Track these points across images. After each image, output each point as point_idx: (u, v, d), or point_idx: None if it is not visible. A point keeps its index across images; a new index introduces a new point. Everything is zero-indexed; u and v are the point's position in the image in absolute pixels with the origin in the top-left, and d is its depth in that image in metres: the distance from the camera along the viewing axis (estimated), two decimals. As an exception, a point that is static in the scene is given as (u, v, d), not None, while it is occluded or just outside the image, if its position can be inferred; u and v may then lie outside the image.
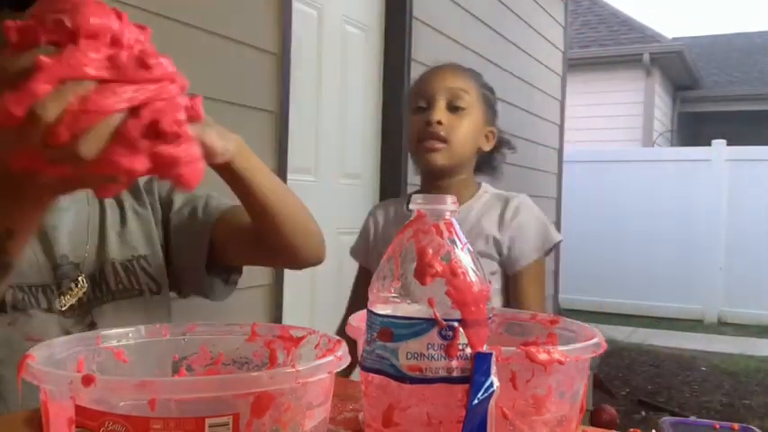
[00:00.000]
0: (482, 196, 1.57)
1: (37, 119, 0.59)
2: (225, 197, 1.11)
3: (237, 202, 1.01)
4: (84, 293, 1.03)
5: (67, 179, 0.65)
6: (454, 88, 1.49)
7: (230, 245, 1.12)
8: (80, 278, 1.03)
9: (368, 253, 1.70)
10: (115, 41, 0.64)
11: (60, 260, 1.02)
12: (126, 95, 0.62)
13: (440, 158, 1.47)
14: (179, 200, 1.16)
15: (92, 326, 1.02)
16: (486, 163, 1.62)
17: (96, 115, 0.61)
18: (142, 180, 1.16)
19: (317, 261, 1.12)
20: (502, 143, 1.61)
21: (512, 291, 1.52)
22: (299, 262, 1.12)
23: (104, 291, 1.05)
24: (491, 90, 1.61)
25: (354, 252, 1.77)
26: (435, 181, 1.53)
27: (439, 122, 1.45)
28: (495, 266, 1.50)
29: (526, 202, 1.56)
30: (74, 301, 1.01)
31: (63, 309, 1.00)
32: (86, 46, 0.62)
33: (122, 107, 0.62)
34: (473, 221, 1.52)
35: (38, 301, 0.98)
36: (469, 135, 1.50)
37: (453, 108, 1.48)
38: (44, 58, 0.60)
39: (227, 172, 0.92)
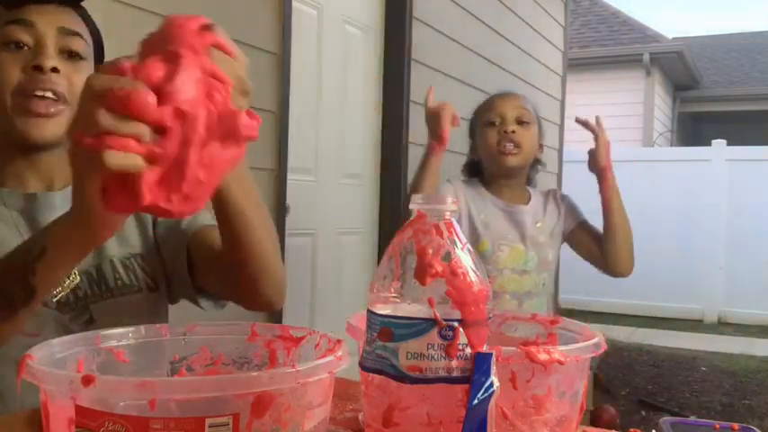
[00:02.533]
0: (533, 195, 2.02)
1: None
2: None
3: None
4: (76, 285, 1.02)
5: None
6: (520, 107, 1.93)
7: (200, 263, 1.07)
8: (73, 272, 1.03)
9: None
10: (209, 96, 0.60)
11: None
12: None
13: (515, 160, 1.89)
14: None
15: (89, 322, 1.02)
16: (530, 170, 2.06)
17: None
18: None
19: (274, 307, 1.04)
20: (538, 159, 2.03)
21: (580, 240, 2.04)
22: (257, 303, 1.03)
23: (103, 288, 1.05)
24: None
25: None
26: (504, 179, 1.95)
27: (513, 132, 1.87)
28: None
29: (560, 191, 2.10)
30: (65, 293, 1.01)
31: (55, 301, 1.00)
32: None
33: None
34: (536, 212, 1.98)
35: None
36: (533, 143, 1.93)
37: (521, 122, 1.90)
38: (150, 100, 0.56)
39: (219, 197, 0.83)
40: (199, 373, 0.69)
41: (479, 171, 2.03)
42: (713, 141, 7.61)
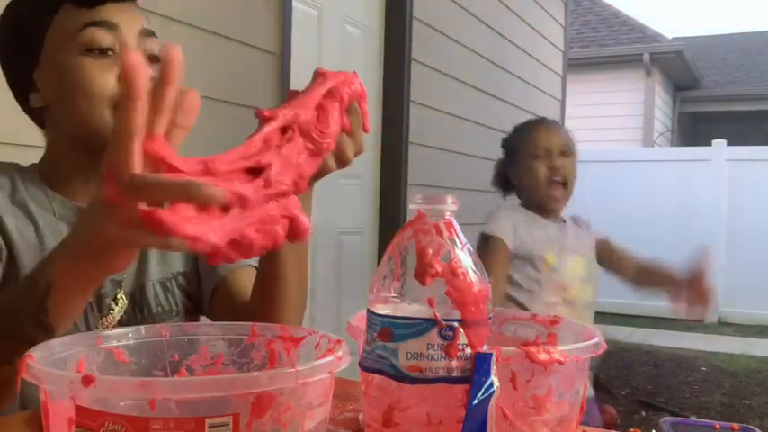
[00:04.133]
0: (567, 221, 2.08)
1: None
2: None
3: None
4: (124, 312, 0.99)
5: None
6: (563, 139, 2.00)
7: (223, 299, 1.05)
8: (119, 295, 0.99)
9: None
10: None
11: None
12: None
13: (562, 201, 2.00)
14: None
15: None
16: None
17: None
18: None
19: None
20: None
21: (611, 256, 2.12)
22: None
23: (145, 313, 1.01)
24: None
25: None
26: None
27: (561, 166, 1.94)
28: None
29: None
30: (115, 322, 0.97)
31: (105, 329, 0.95)
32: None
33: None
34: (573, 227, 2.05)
35: (77, 323, 0.93)
36: (575, 173, 1.99)
37: (564, 153, 1.97)
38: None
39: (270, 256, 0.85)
40: (199, 373, 0.69)
41: (511, 185, 2.12)
42: (713, 141, 7.61)
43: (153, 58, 0.95)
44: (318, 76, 0.72)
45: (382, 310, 0.58)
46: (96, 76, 0.90)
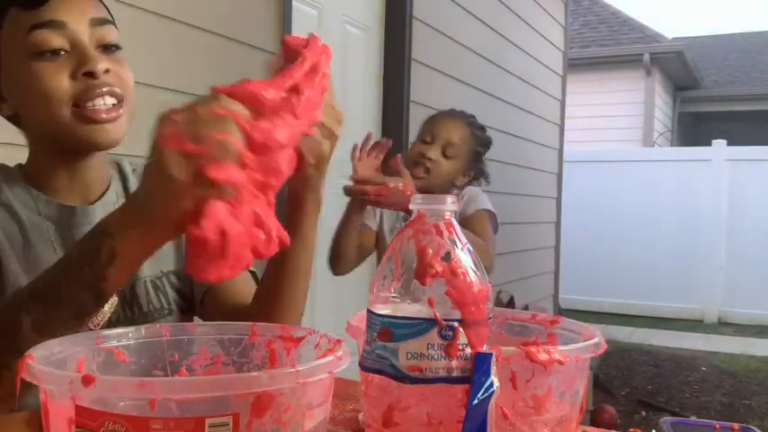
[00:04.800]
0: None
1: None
2: None
3: None
4: (114, 312, 0.99)
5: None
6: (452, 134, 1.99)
7: (214, 309, 1.06)
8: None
9: None
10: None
11: None
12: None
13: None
14: None
15: None
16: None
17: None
18: None
19: None
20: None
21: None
22: None
23: (135, 312, 1.01)
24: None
25: None
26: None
27: (430, 159, 1.95)
28: None
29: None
30: (105, 320, 0.97)
31: (94, 329, 0.95)
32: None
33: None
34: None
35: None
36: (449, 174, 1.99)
37: (445, 155, 1.97)
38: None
39: (297, 217, 0.88)
40: (199, 373, 0.69)
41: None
42: (713, 141, 7.61)
43: (108, 48, 0.93)
44: (290, 50, 0.73)
45: (382, 310, 0.59)
46: (50, 81, 0.89)
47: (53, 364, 0.57)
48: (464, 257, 0.59)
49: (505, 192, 4.25)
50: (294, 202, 0.88)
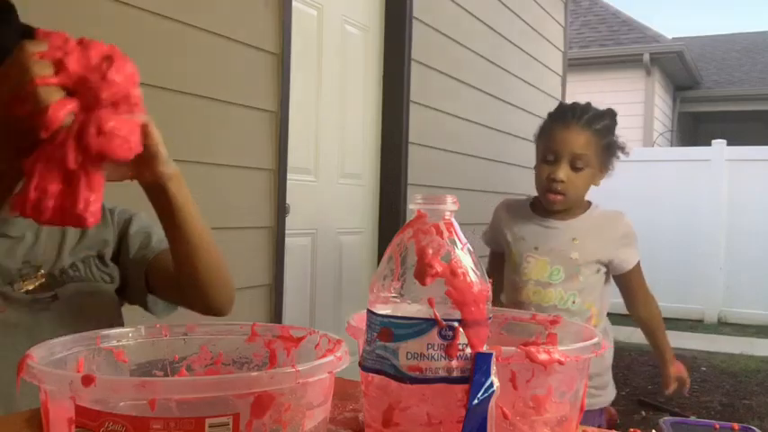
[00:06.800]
0: (591, 212, 1.99)
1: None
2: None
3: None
4: (43, 281, 1.06)
5: None
6: (579, 146, 1.85)
7: (158, 277, 1.15)
8: (40, 272, 1.06)
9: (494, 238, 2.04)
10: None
11: (23, 265, 1.05)
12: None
13: (559, 205, 1.88)
14: (135, 225, 1.18)
15: (54, 297, 1.05)
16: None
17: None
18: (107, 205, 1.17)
19: (224, 313, 1.14)
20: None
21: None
22: (209, 310, 1.13)
23: (64, 277, 1.08)
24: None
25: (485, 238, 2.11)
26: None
27: (561, 181, 1.84)
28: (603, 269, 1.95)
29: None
30: (32, 286, 1.04)
31: (23, 291, 1.03)
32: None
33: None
34: (580, 228, 1.93)
35: None
36: (585, 186, 1.91)
37: (575, 167, 1.85)
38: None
39: (161, 194, 0.96)
40: (199, 373, 0.69)
41: None
42: (713, 141, 7.61)
43: None
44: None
45: (382, 310, 0.58)
46: None
47: (53, 364, 0.57)
48: (464, 257, 0.59)
49: (506, 192, 4.25)
50: (150, 181, 0.95)
